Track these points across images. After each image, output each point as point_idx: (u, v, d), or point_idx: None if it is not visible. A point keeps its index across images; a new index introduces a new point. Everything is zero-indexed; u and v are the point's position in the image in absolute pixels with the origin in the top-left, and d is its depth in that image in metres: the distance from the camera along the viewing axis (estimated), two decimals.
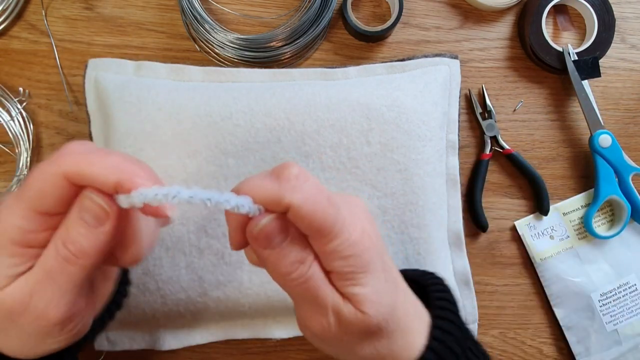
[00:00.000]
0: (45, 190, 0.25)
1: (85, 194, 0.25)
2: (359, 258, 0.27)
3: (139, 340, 0.45)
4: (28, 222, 0.25)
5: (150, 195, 0.24)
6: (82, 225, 0.25)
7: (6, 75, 0.48)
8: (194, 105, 0.44)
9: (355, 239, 0.27)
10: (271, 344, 0.47)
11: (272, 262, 0.27)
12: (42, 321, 0.25)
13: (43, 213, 0.25)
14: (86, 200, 0.25)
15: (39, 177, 0.25)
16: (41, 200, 0.25)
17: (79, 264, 0.25)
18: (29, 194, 0.25)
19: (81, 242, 0.25)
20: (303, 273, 0.27)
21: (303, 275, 0.27)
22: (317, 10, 0.48)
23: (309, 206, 0.25)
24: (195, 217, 0.43)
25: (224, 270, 0.43)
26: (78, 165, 0.24)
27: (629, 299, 0.50)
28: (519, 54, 0.52)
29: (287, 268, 0.26)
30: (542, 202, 0.50)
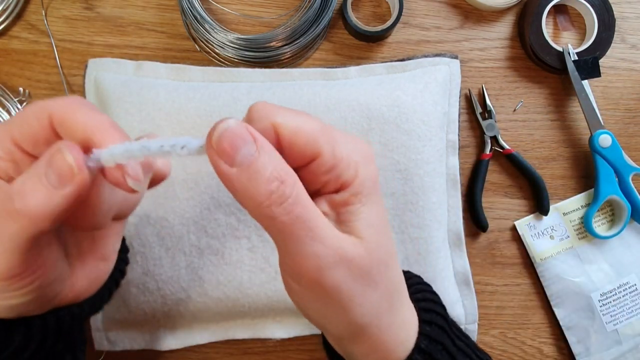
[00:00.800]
0: (27, 120, 0.24)
1: (57, 146, 0.22)
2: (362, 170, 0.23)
3: (139, 340, 0.45)
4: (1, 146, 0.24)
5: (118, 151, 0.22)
6: (41, 182, 0.22)
7: (6, 75, 0.48)
8: (194, 105, 0.44)
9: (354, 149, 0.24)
10: (271, 344, 0.47)
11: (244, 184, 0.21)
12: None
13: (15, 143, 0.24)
14: (57, 154, 0.22)
15: (29, 108, 0.24)
16: (20, 128, 0.24)
17: (21, 224, 0.22)
18: (15, 119, 0.24)
19: (30, 200, 0.22)
20: (286, 194, 0.21)
21: (286, 197, 0.21)
22: (317, 10, 0.48)
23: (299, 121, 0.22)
24: (195, 217, 0.43)
25: (224, 270, 0.43)
26: (65, 110, 0.23)
27: (629, 299, 0.50)
28: (519, 54, 0.52)
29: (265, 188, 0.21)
30: (542, 202, 0.50)
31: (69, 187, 0.22)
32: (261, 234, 0.44)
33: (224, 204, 0.43)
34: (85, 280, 0.29)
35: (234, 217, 0.43)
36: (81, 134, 0.23)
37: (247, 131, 0.21)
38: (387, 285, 0.25)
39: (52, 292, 0.27)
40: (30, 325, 0.27)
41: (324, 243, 0.22)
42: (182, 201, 0.43)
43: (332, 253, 0.22)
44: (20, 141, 0.24)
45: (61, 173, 0.22)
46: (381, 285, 0.25)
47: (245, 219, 0.43)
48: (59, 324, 0.28)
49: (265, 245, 0.43)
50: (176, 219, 0.43)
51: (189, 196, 0.43)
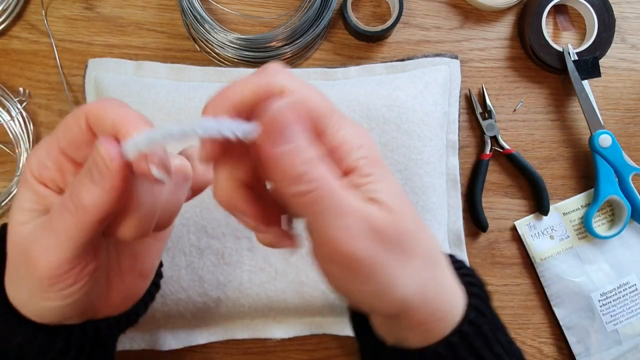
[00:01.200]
0: (68, 126, 0.25)
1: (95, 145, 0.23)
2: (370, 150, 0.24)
3: (139, 340, 0.45)
4: (47, 155, 0.25)
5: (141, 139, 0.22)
6: (88, 178, 0.23)
7: (6, 75, 0.48)
8: (194, 105, 0.44)
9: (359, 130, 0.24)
10: (271, 344, 0.47)
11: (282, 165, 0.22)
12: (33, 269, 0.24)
13: (62, 152, 0.25)
14: (95, 153, 0.23)
15: (70, 115, 0.25)
16: (63, 135, 0.25)
17: (77, 218, 0.24)
18: (59, 128, 0.25)
19: (82, 195, 0.23)
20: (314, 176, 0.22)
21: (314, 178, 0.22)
22: (317, 10, 0.48)
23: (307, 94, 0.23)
24: (195, 217, 0.43)
25: (224, 270, 0.43)
26: (98, 108, 0.24)
27: (629, 299, 0.50)
28: (519, 54, 0.52)
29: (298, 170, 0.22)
30: (542, 202, 0.50)
31: (108, 181, 0.23)
32: None
33: None
34: (120, 296, 0.30)
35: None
36: (110, 128, 0.23)
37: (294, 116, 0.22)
38: (424, 254, 0.25)
39: (90, 302, 0.28)
40: (70, 332, 0.28)
41: (353, 214, 0.23)
42: None
43: (361, 223, 0.23)
44: (65, 148, 0.25)
45: (100, 168, 0.23)
46: (418, 254, 0.25)
47: None
48: (97, 334, 0.29)
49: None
50: (176, 219, 0.43)
51: None
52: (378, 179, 0.24)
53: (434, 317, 0.26)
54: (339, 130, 0.24)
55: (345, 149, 0.24)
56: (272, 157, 0.22)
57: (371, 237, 0.23)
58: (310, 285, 0.43)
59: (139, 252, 0.31)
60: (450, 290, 0.27)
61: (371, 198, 0.24)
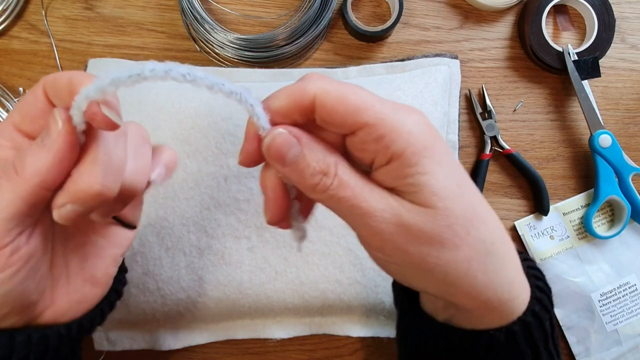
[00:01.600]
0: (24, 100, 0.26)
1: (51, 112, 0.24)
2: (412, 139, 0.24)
3: (139, 340, 0.45)
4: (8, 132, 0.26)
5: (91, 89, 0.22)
6: (36, 144, 0.24)
7: (6, 75, 0.48)
8: (194, 106, 0.44)
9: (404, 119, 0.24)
10: (271, 344, 0.47)
11: (295, 179, 0.25)
12: None
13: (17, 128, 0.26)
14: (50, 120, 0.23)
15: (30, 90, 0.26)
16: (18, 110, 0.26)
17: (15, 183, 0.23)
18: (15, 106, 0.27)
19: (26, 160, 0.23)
20: (327, 185, 0.24)
21: (328, 188, 0.24)
22: (317, 10, 0.48)
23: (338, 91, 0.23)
24: (195, 217, 0.43)
25: (224, 270, 0.43)
26: (54, 75, 0.25)
27: (629, 299, 0.50)
28: (519, 54, 0.52)
29: (310, 181, 0.24)
30: (542, 202, 0.50)
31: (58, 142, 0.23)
32: (261, 233, 0.44)
33: (224, 204, 0.43)
34: (67, 300, 0.29)
35: (234, 217, 0.43)
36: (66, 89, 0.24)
37: (291, 137, 0.24)
38: (472, 244, 0.25)
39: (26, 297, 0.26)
40: (12, 337, 0.26)
41: (373, 215, 0.24)
42: (182, 201, 0.43)
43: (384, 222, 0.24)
44: (19, 123, 0.26)
45: (50, 132, 0.23)
46: (463, 246, 0.25)
47: (246, 219, 0.43)
48: (44, 342, 0.27)
49: (265, 245, 0.43)
50: (176, 219, 0.43)
51: (189, 196, 0.43)
52: (423, 170, 0.24)
53: (487, 305, 0.26)
54: (383, 119, 0.24)
55: (391, 137, 0.24)
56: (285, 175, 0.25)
57: (400, 231, 0.24)
58: (309, 285, 0.43)
59: (90, 253, 0.30)
60: (509, 283, 0.27)
61: (413, 196, 0.24)
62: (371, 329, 0.46)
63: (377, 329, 0.46)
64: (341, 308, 0.45)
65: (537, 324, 0.27)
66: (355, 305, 0.44)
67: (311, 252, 0.43)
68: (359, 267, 0.44)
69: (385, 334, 0.46)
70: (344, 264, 0.43)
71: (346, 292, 0.44)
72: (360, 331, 0.46)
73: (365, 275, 0.44)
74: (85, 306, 0.30)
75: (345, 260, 0.44)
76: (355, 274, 0.44)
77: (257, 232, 0.43)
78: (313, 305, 0.44)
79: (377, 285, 0.44)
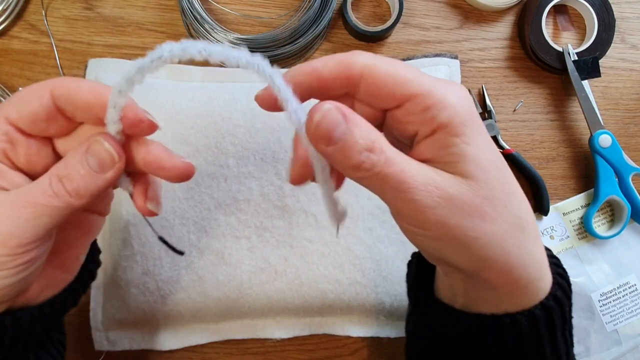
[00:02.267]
0: (25, 99, 0.25)
1: (95, 137, 0.25)
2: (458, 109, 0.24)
3: (139, 340, 0.45)
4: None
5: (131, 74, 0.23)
6: (84, 167, 0.25)
7: (6, 75, 0.48)
8: (194, 106, 0.44)
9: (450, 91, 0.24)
10: (271, 344, 0.47)
11: (340, 158, 0.23)
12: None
13: (12, 124, 0.26)
14: (96, 144, 0.25)
15: (26, 88, 0.25)
16: (17, 108, 0.25)
17: (67, 202, 0.25)
18: (11, 100, 0.26)
19: (79, 182, 0.25)
20: (374, 162, 0.23)
21: (376, 165, 0.23)
22: (317, 10, 0.48)
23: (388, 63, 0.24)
24: (195, 217, 0.43)
25: (224, 270, 0.43)
26: (67, 84, 0.25)
27: (629, 299, 0.50)
28: (519, 54, 0.52)
29: (356, 159, 0.23)
30: (542, 202, 0.50)
31: (110, 172, 0.26)
32: (261, 233, 0.44)
33: (224, 204, 0.43)
34: (36, 286, 0.29)
35: (234, 217, 0.43)
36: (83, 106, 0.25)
37: (339, 114, 0.23)
38: (508, 219, 0.25)
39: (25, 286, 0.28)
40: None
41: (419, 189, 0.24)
42: (182, 201, 0.43)
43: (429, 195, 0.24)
44: (16, 121, 0.26)
45: (102, 160, 0.25)
46: (501, 220, 0.25)
47: (246, 219, 0.43)
48: (17, 324, 0.28)
49: (265, 245, 0.43)
50: (176, 219, 0.43)
51: (189, 196, 0.43)
52: (467, 141, 0.24)
53: (516, 283, 0.26)
54: (430, 90, 0.24)
55: (438, 107, 0.24)
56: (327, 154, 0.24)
57: (441, 206, 0.24)
58: (309, 285, 0.43)
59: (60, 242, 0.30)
60: (538, 262, 0.27)
61: (453, 167, 0.24)
62: (371, 329, 0.46)
63: (377, 329, 0.46)
64: (341, 308, 0.45)
65: (558, 309, 0.27)
66: (355, 305, 0.44)
67: (311, 252, 0.43)
68: (359, 267, 0.44)
69: (385, 334, 0.46)
70: (344, 264, 0.44)
71: (346, 292, 0.44)
72: (360, 331, 0.46)
73: (365, 275, 0.44)
74: (55, 290, 0.31)
75: (345, 260, 0.44)
76: (355, 274, 0.44)
77: (257, 232, 0.43)
78: (313, 305, 0.44)
79: (377, 285, 0.44)
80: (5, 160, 0.26)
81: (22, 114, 0.26)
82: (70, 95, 0.25)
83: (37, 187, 0.25)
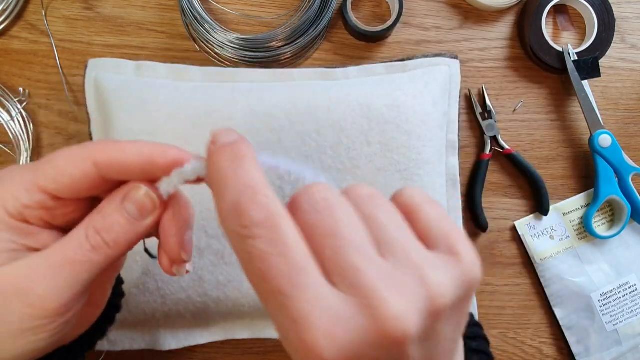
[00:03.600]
0: (68, 171, 0.24)
1: (133, 184, 0.25)
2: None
3: (139, 340, 0.45)
4: (29, 195, 0.24)
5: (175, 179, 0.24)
6: (123, 216, 0.24)
7: (6, 75, 0.48)
8: (194, 106, 0.44)
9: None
10: (271, 344, 0.47)
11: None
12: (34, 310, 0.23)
13: (48, 193, 0.24)
14: (135, 190, 0.24)
15: (66, 157, 0.24)
16: (57, 179, 0.24)
17: (106, 255, 0.24)
18: (45, 169, 0.24)
19: (118, 232, 0.24)
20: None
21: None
22: (317, 10, 0.48)
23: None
24: (195, 217, 0.43)
25: (224, 270, 0.43)
26: (110, 152, 0.24)
27: (629, 299, 0.50)
28: (519, 54, 0.52)
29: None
30: (542, 202, 0.50)
31: (150, 218, 0.25)
32: None
33: None
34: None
35: None
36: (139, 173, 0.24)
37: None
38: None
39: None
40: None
41: None
42: None
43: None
44: (54, 190, 0.24)
45: (143, 206, 0.24)
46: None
47: None
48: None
49: None
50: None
51: (189, 196, 0.43)
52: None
53: None
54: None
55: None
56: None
57: None
58: None
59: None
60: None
61: None
62: None
63: None
64: None
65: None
66: None
67: None
68: None
69: None
70: None
71: None
72: None
73: None
74: (84, 327, 0.30)
75: None
76: None
77: None
78: None
79: None
80: (39, 222, 0.25)
81: (60, 185, 0.24)
82: (115, 163, 0.24)
83: (72, 242, 0.24)
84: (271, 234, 0.19)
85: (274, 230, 0.19)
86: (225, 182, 0.21)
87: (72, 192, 0.24)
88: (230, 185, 0.21)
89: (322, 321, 0.18)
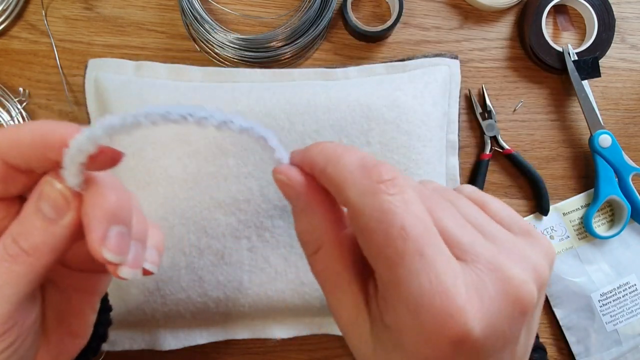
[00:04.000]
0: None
1: (45, 178, 0.21)
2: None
3: (139, 340, 0.45)
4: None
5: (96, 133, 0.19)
6: (39, 218, 0.21)
7: (6, 75, 0.48)
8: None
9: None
10: (271, 344, 0.47)
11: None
12: None
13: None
14: (46, 186, 0.21)
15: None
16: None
17: (27, 263, 0.21)
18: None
19: (35, 237, 0.21)
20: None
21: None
22: (317, 10, 0.48)
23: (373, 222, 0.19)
24: (195, 217, 0.43)
25: (224, 270, 0.43)
26: (4, 134, 0.21)
27: (629, 299, 0.50)
28: (519, 54, 0.52)
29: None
30: (542, 202, 0.50)
31: (68, 215, 0.21)
32: (261, 234, 0.44)
33: (224, 204, 0.43)
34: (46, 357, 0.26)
35: (234, 217, 0.43)
36: (35, 143, 0.21)
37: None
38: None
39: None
40: None
41: None
42: (182, 201, 0.43)
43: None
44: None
45: (56, 204, 0.21)
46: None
47: (245, 219, 0.43)
48: None
49: (265, 246, 0.43)
50: (176, 219, 0.43)
51: (189, 196, 0.43)
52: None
53: None
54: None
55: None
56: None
57: None
58: (310, 285, 0.43)
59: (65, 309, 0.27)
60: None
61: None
62: None
63: None
64: None
65: None
66: None
67: None
68: None
69: None
70: None
71: None
72: None
73: None
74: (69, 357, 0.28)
75: None
76: None
77: (257, 232, 0.43)
78: (313, 305, 0.44)
79: None
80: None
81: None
82: (13, 146, 0.21)
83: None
84: (403, 194, 0.19)
85: (405, 191, 0.19)
86: (342, 150, 0.21)
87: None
88: (348, 149, 0.20)
89: (463, 289, 0.18)
